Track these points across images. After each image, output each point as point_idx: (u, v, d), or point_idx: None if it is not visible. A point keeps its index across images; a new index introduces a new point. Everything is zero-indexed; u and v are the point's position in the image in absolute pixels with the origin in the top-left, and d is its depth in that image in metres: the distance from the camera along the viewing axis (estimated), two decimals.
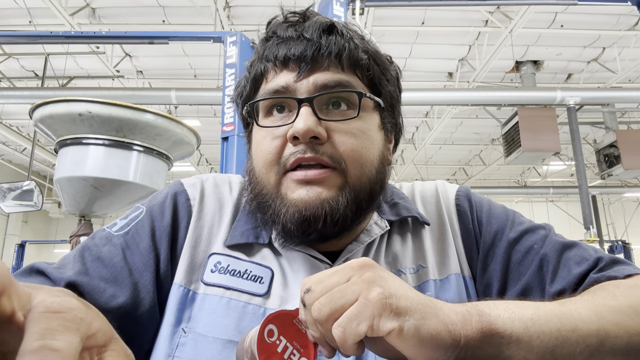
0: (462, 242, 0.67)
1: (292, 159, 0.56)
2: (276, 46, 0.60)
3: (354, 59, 0.59)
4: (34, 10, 5.28)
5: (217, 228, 0.64)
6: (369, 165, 0.59)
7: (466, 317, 0.42)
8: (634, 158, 6.07)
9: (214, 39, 3.64)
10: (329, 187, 0.56)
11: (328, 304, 0.41)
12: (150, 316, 0.57)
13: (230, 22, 5.65)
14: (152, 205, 0.65)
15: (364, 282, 0.42)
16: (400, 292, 0.41)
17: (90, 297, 0.53)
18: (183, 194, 0.66)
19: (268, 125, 0.59)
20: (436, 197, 0.71)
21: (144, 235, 0.61)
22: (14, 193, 3.45)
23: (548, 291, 0.59)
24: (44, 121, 2.55)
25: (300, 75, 0.58)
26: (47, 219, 13.46)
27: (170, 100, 5.65)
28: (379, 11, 5.43)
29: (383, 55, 0.65)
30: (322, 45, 0.58)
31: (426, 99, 5.77)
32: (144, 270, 0.58)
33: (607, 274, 0.56)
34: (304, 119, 0.55)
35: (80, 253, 0.58)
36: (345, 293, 0.41)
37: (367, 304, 0.40)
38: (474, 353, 0.42)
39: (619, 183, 11.08)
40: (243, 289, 0.58)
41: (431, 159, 11.14)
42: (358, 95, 0.58)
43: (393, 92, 0.65)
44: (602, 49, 6.38)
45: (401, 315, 0.40)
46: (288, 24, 0.62)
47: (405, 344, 0.40)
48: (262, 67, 0.61)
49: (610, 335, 0.45)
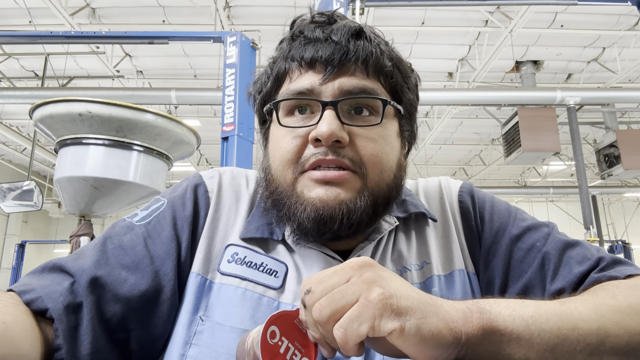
0: (464, 238, 0.67)
1: (313, 159, 0.56)
2: (303, 46, 0.59)
3: (380, 65, 0.60)
4: (34, 10, 5.28)
5: (233, 220, 0.65)
6: (388, 171, 0.59)
7: (467, 314, 0.42)
8: (634, 158, 6.07)
9: (214, 39, 3.64)
10: (347, 189, 0.56)
11: (329, 305, 0.41)
12: (170, 304, 0.57)
13: (230, 22, 5.65)
14: (174, 196, 0.65)
15: (364, 282, 0.42)
16: (400, 292, 0.41)
17: (112, 288, 0.54)
18: (202, 186, 0.66)
19: (290, 126, 0.59)
20: (439, 194, 0.71)
21: (166, 224, 0.61)
22: (14, 193, 3.45)
23: (548, 289, 0.59)
24: (44, 121, 2.55)
25: (325, 78, 0.57)
26: (47, 219, 13.46)
27: (170, 100, 5.65)
28: (379, 11, 5.43)
29: (405, 62, 0.66)
30: (350, 50, 0.58)
31: (426, 99, 5.77)
32: (165, 258, 0.58)
33: (608, 274, 0.56)
34: (328, 122, 0.55)
35: (103, 242, 0.59)
36: (346, 294, 0.41)
37: (367, 304, 0.40)
38: (475, 350, 0.42)
39: (619, 183, 11.08)
40: (258, 281, 0.59)
41: (431, 159, 11.14)
42: (383, 103, 0.58)
43: (412, 100, 0.66)
44: (602, 49, 6.38)
45: (402, 315, 0.40)
46: (315, 24, 0.61)
47: (406, 343, 0.40)
48: (286, 66, 0.61)
49: (611, 334, 0.45)
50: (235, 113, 3.10)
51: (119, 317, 0.53)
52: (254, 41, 3.47)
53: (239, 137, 3.03)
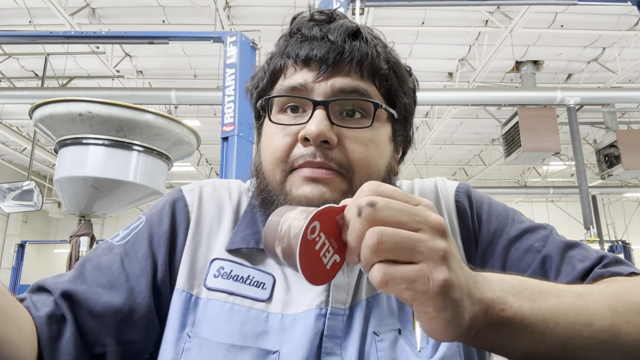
0: (460, 239, 0.66)
1: (301, 160, 0.56)
2: (299, 44, 0.59)
3: (375, 67, 0.59)
4: (34, 10, 5.28)
5: (215, 233, 0.64)
6: (376, 176, 0.58)
7: (490, 310, 0.40)
8: (634, 158, 6.08)
9: (214, 39, 3.64)
10: (333, 190, 0.55)
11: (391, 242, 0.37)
12: (147, 321, 0.57)
13: (230, 22, 5.65)
14: (152, 214, 0.65)
15: (436, 252, 0.37)
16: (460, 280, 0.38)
17: (87, 303, 0.54)
18: (181, 201, 0.66)
19: (281, 123, 0.59)
20: (435, 194, 0.70)
21: (142, 242, 0.61)
22: (14, 193, 3.45)
23: None
24: (44, 121, 2.55)
25: (319, 77, 0.57)
26: (47, 219, 13.47)
27: (170, 100, 5.66)
28: (379, 11, 5.43)
29: (403, 66, 0.65)
30: (345, 50, 0.57)
31: (426, 99, 5.77)
32: (140, 276, 0.58)
33: (611, 270, 0.56)
34: (317, 122, 0.55)
35: (82, 263, 0.59)
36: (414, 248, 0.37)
37: (427, 280, 0.36)
38: (482, 339, 0.41)
39: (619, 183, 11.08)
40: (246, 294, 0.58)
41: (431, 159, 11.14)
42: (374, 106, 0.58)
43: (408, 104, 0.65)
44: (602, 49, 6.38)
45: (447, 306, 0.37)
46: (314, 22, 0.61)
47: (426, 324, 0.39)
48: (281, 62, 0.61)
49: (622, 332, 0.45)
50: (235, 113, 3.10)
51: (96, 332, 0.53)
52: (254, 41, 3.47)
53: (239, 137, 3.03)
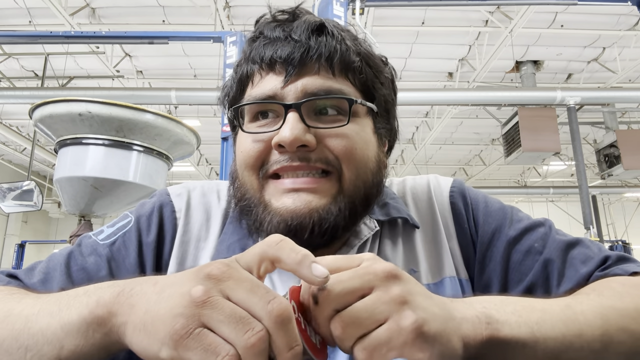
0: (457, 242, 0.63)
1: (276, 166, 0.53)
2: (262, 47, 0.56)
3: (346, 62, 0.56)
4: (34, 10, 5.28)
5: (204, 241, 0.62)
6: (364, 167, 0.56)
7: (476, 325, 0.41)
8: (634, 158, 6.07)
9: (214, 39, 3.64)
10: (321, 196, 0.54)
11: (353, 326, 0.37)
12: None
13: (230, 22, 5.65)
14: (140, 215, 0.63)
15: (394, 302, 0.37)
16: (429, 312, 0.38)
17: None
18: (169, 206, 0.63)
19: (253, 131, 0.56)
20: (428, 194, 0.67)
21: (131, 250, 0.59)
22: (14, 193, 3.45)
23: (555, 293, 0.57)
24: (44, 121, 2.55)
25: (287, 80, 0.54)
26: (47, 219, 13.46)
27: (170, 100, 5.65)
28: (379, 11, 5.43)
29: (377, 56, 0.62)
30: (311, 47, 0.54)
31: (426, 99, 5.77)
32: None
33: (612, 272, 0.55)
34: (290, 126, 0.52)
35: (66, 261, 0.58)
36: (374, 313, 0.37)
37: (399, 332, 0.36)
38: (477, 357, 0.41)
39: (619, 183, 11.07)
40: None
41: (431, 159, 11.14)
42: (348, 102, 0.55)
43: (387, 95, 0.62)
44: (602, 49, 6.37)
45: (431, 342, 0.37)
46: (276, 23, 0.59)
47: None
48: (247, 69, 0.58)
49: (614, 340, 0.45)
50: None
51: None
52: None
53: None
